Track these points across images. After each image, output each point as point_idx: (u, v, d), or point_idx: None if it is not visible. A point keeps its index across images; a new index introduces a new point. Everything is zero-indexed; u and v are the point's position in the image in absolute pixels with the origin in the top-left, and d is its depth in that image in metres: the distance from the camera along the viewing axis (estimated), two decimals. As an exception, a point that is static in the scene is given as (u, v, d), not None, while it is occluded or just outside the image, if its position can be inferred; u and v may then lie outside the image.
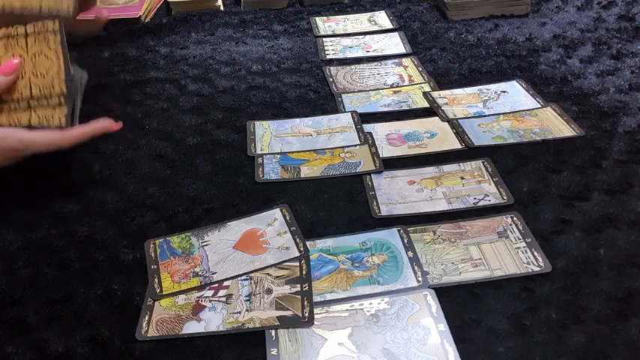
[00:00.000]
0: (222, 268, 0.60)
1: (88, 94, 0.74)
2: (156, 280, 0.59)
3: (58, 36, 0.66)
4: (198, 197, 0.70)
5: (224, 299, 0.56)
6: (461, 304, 0.55)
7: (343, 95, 0.91)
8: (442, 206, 0.67)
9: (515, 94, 0.88)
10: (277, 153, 0.77)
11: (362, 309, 0.54)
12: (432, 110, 0.85)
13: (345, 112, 0.86)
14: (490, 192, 0.68)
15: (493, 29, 1.08)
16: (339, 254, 0.61)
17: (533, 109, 0.84)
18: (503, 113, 0.83)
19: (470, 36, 1.06)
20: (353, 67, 0.99)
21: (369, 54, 1.04)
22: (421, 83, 0.93)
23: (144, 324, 0.54)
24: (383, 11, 1.19)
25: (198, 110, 0.88)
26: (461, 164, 0.73)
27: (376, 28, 1.13)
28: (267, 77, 0.96)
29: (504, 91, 0.89)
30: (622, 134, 0.77)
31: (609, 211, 0.64)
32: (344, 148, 0.78)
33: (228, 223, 0.66)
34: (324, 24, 1.16)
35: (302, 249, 0.61)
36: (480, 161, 0.73)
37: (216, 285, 0.58)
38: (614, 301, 0.54)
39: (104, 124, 0.68)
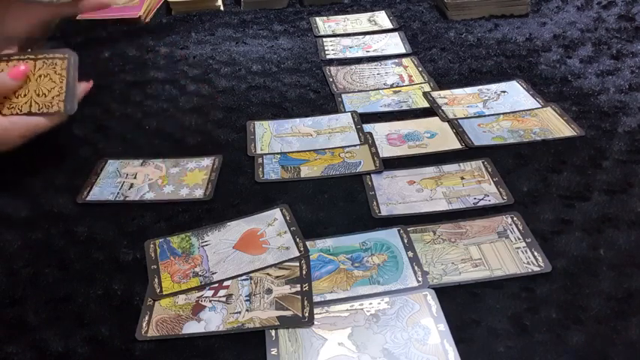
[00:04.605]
0: (222, 268, 0.60)
1: (88, 95, 0.74)
2: (156, 280, 0.59)
3: (65, 62, 0.71)
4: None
5: (224, 299, 0.56)
6: (461, 304, 0.55)
7: (343, 95, 0.91)
8: (442, 206, 0.67)
9: (515, 94, 0.88)
10: (277, 153, 0.77)
11: (362, 309, 0.54)
12: (432, 110, 0.85)
13: (345, 112, 0.86)
14: (490, 192, 0.68)
15: (493, 29, 1.08)
16: (339, 254, 0.61)
17: (533, 109, 0.84)
18: (503, 113, 0.83)
19: (470, 36, 1.06)
20: (353, 67, 0.99)
21: (369, 54, 1.04)
22: (421, 83, 0.93)
23: (144, 324, 0.54)
24: (383, 11, 1.19)
25: (198, 110, 0.88)
26: (461, 164, 0.73)
27: (376, 28, 1.13)
28: (267, 77, 0.96)
29: (504, 91, 0.89)
30: (622, 134, 0.77)
31: (609, 211, 0.64)
32: (344, 148, 0.78)
33: (228, 223, 0.66)
34: (324, 24, 1.16)
35: (302, 249, 0.61)
36: (480, 161, 0.73)
37: (216, 285, 0.58)
38: (614, 301, 0.54)
39: (83, 88, 0.75)
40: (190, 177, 0.73)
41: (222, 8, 1.24)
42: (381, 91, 0.92)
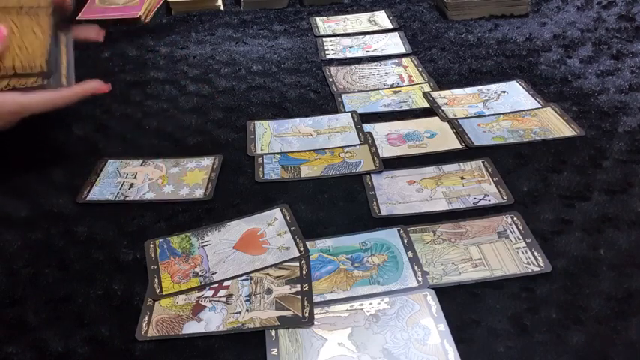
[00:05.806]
0: (222, 268, 0.60)
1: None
2: (156, 280, 0.59)
3: (49, 15, 0.67)
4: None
5: (224, 299, 0.56)
6: (461, 304, 0.55)
7: (343, 95, 0.91)
8: (442, 206, 0.67)
9: (515, 94, 0.88)
10: (277, 153, 0.77)
11: (362, 309, 0.54)
12: (432, 110, 0.85)
13: (345, 112, 0.86)
14: (490, 192, 0.68)
15: (493, 29, 1.08)
16: (339, 254, 0.61)
17: (533, 109, 0.84)
18: (503, 113, 0.83)
19: (470, 36, 1.06)
20: (353, 67, 0.99)
21: (369, 54, 1.04)
22: (421, 83, 0.93)
23: (144, 324, 0.54)
24: (383, 11, 1.19)
25: (198, 110, 0.88)
26: (461, 164, 0.73)
27: (376, 28, 1.13)
28: (267, 77, 0.96)
29: (504, 91, 0.89)
30: (622, 134, 0.77)
31: (609, 211, 0.64)
32: (344, 148, 0.78)
33: (228, 223, 0.66)
34: (324, 24, 1.16)
35: (302, 249, 0.61)
36: (480, 161, 0.73)
37: (216, 285, 0.58)
38: (614, 301, 0.54)
39: (94, 85, 0.72)
40: (190, 177, 0.73)
41: (222, 8, 1.24)
42: (381, 91, 0.92)
